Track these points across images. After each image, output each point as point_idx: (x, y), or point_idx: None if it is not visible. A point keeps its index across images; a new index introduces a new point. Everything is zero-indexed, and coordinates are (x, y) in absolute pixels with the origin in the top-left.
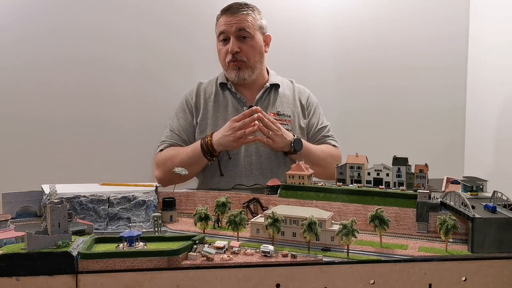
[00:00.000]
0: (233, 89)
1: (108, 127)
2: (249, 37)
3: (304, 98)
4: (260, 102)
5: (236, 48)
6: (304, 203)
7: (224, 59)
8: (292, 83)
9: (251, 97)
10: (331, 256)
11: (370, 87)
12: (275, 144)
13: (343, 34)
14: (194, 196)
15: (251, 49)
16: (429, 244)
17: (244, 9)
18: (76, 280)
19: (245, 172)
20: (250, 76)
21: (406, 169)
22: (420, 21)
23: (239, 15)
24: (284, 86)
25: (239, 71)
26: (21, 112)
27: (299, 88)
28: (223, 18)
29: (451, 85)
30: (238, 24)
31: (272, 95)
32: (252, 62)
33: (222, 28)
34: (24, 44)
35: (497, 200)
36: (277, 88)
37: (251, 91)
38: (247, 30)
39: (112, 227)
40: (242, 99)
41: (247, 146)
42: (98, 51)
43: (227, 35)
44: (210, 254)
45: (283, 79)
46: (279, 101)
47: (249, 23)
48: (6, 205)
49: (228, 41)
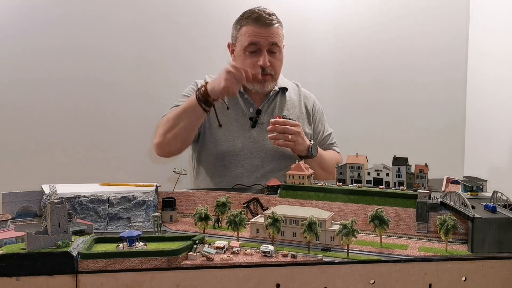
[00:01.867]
0: (242, 89)
1: (108, 127)
2: (278, 52)
3: (310, 105)
4: (267, 105)
5: (268, 62)
6: (304, 203)
7: None
8: (298, 87)
9: (258, 100)
10: (331, 256)
11: (369, 87)
12: (297, 146)
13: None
14: (194, 196)
15: (279, 63)
16: (429, 244)
17: (275, 21)
18: (76, 280)
19: (246, 173)
20: (271, 88)
21: (406, 169)
22: (419, 22)
23: (273, 28)
24: (290, 90)
25: (265, 84)
26: (21, 112)
27: (305, 93)
28: (254, 28)
29: (451, 85)
30: (272, 38)
31: (279, 99)
32: (278, 75)
33: (254, 39)
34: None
35: (497, 200)
36: (284, 92)
37: (259, 94)
38: (278, 44)
39: (112, 227)
40: (250, 100)
41: (251, 148)
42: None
43: (259, 47)
44: (210, 254)
45: (289, 82)
46: (286, 105)
47: (280, 37)
48: (6, 205)
49: (257, 53)
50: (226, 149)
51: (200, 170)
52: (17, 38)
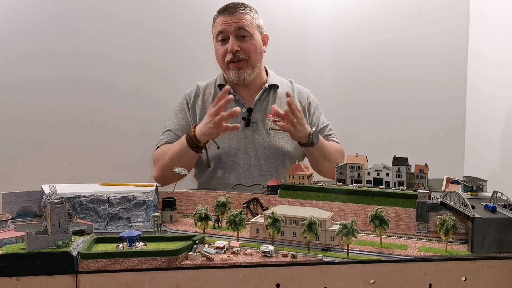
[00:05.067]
0: (232, 90)
1: (108, 127)
2: (248, 36)
3: (304, 99)
4: (259, 103)
5: (236, 47)
6: (304, 203)
7: (222, 59)
8: (291, 83)
9: (249, 98)
10: (331, 256)
11: (370, 86)
12: (296, 133)
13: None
14: (194, 196)
15: (251, 47)
16: (429, 244)
17: (242, 8)
18: (76, 280)
19: (244, 174)
20: (250, 76)
21: (406, 169)
22: (420, 21)
23: (238, 14)
24: (283, 87)
25: (240, 71)
26: (21, 112)
27: (298, 88)
28: (221, 18)
29: (451, 85)
30: (237, 23)
31: (271, 96)
32: (253, 61)
33: (220, 27)
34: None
35: (497, 200)
36: (276, 89)
37: (250, 92)
38: (246, 29)
39: (112, 227)
40: (240, 100)
41: (246, 147)
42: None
43: (226, 34)
44: (210, 254)
45: (282, 79)
46: (278, 102)
47: (248, 22)
48: (6, 205)
49: (226, 41)
50: (221, 150)
51: (199, 173)
52: (16, 38)
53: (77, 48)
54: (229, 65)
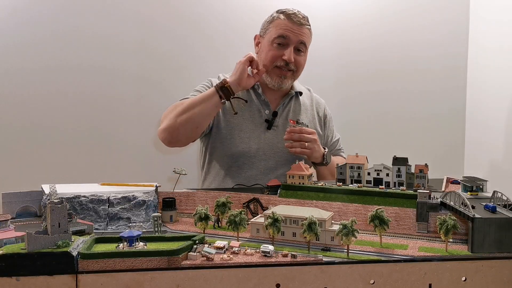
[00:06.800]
0: (260, 90)
1: (108, 127)
2: (303, 51)
3: (321, 110)
4: (282, 108)
5: (293, 58)
6: (304, 203)
7: (271, 61)
8: (310, 91)
9: (274, 101)
10: (331, 256)
11: (370, 87)
12: (314, 154)
13: (343, 36)
14: (194, 196)
15: (302, 63)
16: (429, 244)
17: (308, 23)
18: (76, 280)
19: (260, 175)
20: (288, 86)
21: (406, 169)
22: (419, 24)
23: (304, 28)
24: (303, 95)
25: (284, 80)
26: (21, 112)
27: (316, 99)
28: (287, 23)
29: (451, 86)
30: (302, 36)
31: (293, 103)
32: (298, 75)
33: (285, 32)
34: (23, 46)
35: (497, 200)
36: (298, 96)
37: (275, 95)
38: (305, 45)
39: (112, 227)
40: (266, 100)
41: (265, 150)
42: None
43: (287, 41)
44: (210, 254)
45: (301, 86)
46: (300, 110)
47: (309, 40)
48: (6, 205)
49: (283, 47)
50: (241, 150)
51: (210, 169)
52: (16, 37)
53: (76, 48)
54: (275, 70)
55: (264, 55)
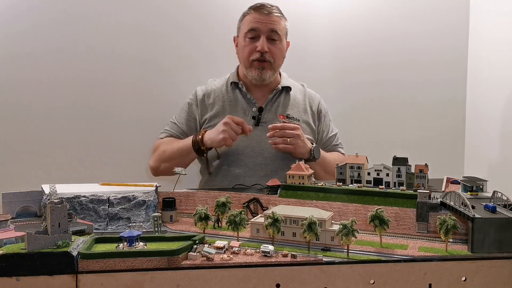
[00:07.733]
0: (244, 89)
1: (108, 127)
2: (278, 40)
3: (315, 105)
4: (270, 104)
5: (266, 47)
6: (304, 203)
7: (248, 56)
8: (303, 87)
9: (261, 98)
10: (331, 256)
11: (369, 86)
12: (297, 149)
13: (342, 29)
14: (194, 196)
15: (278, 52)
16: (429, 244)
17: (277, 11)
18: (76, 280)
19: (249, 172)
20: (270, 77)
21: (406, 169)
22: (419, 16)
23: (273, 16)
24: (295, 90)
25: (262, 71)
26: (21, 112)
27: (310, 93)
28: (255, 15)
29: (451, 85)
30: (272, 24)
31: (283, 98)
32: (277, 65)
33: (254, 25)
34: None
35: (497, 200)
36: (288, 91)
37: (262, 92)
38: (278, 32)
39: (112, 227)
40: (252, 99)
41: (254, 146)
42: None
43: (258, 33)
44: (210, 254)
45: (294, 82)
46: (290, 104)
47: (281, 26)
48: (6, 205)
49: (256, 39)
50: (229, 148)
51: (204, 169)
52: (16, 38)
53: (76, 48)
54: (253, 63)
55: (240, 52)
